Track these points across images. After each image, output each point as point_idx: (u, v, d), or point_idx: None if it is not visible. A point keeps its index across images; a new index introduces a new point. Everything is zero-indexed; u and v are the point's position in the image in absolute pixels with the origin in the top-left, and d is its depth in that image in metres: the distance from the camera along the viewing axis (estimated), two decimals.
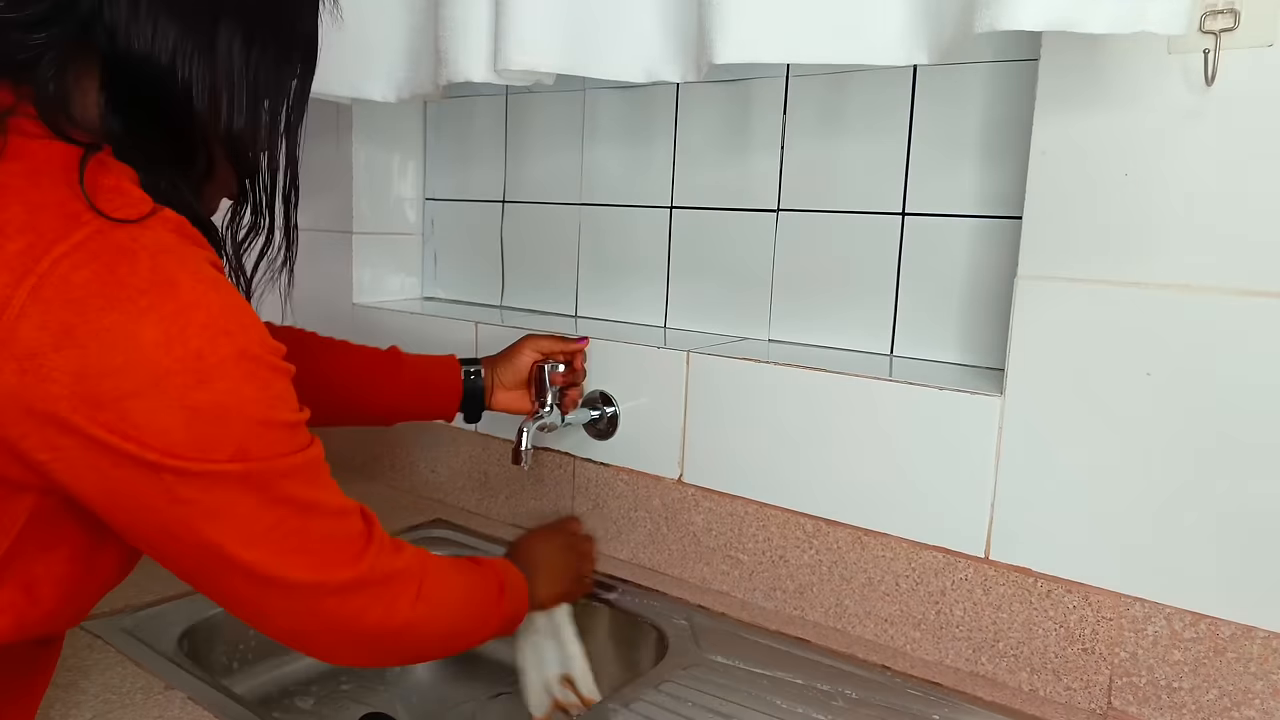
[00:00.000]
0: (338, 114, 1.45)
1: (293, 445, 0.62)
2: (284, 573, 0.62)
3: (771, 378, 1.02)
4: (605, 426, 1.16)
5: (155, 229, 0.57)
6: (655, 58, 0.95)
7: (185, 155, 0.64)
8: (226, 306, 0.58)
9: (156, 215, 0.57)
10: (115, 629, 0.93)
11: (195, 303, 0.56)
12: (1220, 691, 0.80)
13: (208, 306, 0.56)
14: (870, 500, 0.97)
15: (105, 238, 0.55)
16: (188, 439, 0.56)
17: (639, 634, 1.02)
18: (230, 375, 0.57)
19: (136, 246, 0.55)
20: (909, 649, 0.96)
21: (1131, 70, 0.80)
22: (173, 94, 0.61)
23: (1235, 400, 0.77)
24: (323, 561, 0.64)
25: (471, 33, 1.00)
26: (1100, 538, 0.84)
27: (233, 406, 0.57)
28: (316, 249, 1.53)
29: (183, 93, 0.61)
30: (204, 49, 0.61)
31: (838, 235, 1.10)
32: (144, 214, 0.57)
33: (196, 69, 0.61)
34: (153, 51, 0.60)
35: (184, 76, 0.61)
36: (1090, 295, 0.83)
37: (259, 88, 0.65)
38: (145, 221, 0.57)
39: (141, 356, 0.54)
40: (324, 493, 0.65)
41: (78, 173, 0.56)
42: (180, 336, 0.55)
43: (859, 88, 1.07)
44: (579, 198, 1.35)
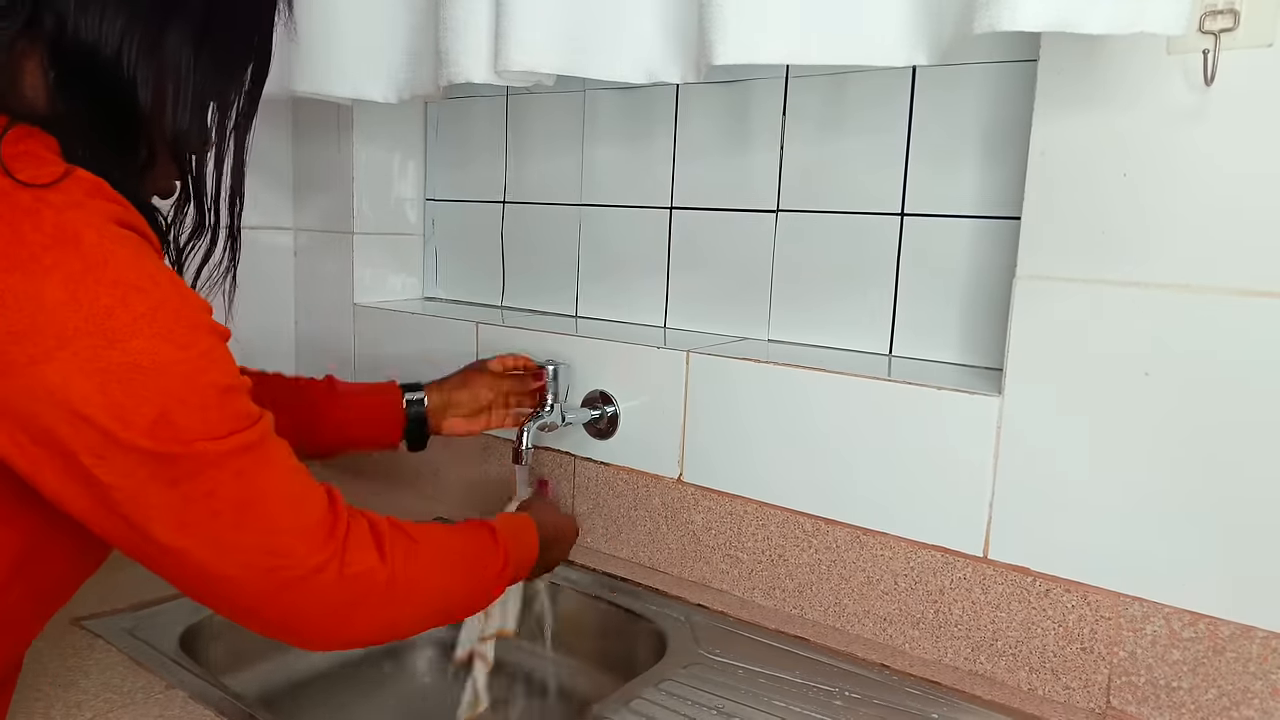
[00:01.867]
0: (338, 114, 1.45)
1: (226, 421, 0.58)
2: (226, 570, 0.59)
3: (771, 378, 1.02)
4: (605, 426, 1.16)
5: (66, 190, 0.55)
6: (655, 58, 0.95)
7: (126, 145, 0.63)
8: (138, 263, 0.56)
9: (70, 177, 0.56)
10: (115, 629, 0.93)
11: (103, 259, 0.54)
12: (1219, 691, 0.80)
13: (117, 263, 0.54)
14: (869, 499, 0.97)
15: (9, 198, 0.54)
16: (103, 404, 0.53)
17: (638, 632, 1.02)
18: (144, 333, 0.54)
19: (41, 205, 0.54)
20: (908, 648, 0.96)
21: (1131, 71, 0.80)
22: (118, 86, 0.61)
23: (1234, 400, 0.78)
24: (272, 557, 0.60)
25: (472, 33, 1.00)
26: (1099, 537, 0.84)
27: (148, 367, 0.54)
28: (317, 249, 1.53)
29: (128, 85, 0.61)
30: (152, 45, 0.61)
31: (837, 235, 1.10)
32: (56, 177, 0.55)
33: (142, 64, 0.61)
34: (99, 41, 0.60)
35: (129, 69, 0.61)
36: (1089, 295, 0.83)
37: (205, 90, 0.65)
38: (57, 185, 0.55)
39: (47, 318, 0.52)
40: (271, 480, 0.61)
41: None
42: (88, 295, 0.53)
43: (859, 88, 1.07)
44: (579, 198, 1.35)
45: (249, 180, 0.71)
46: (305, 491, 0.63)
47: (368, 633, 0.68)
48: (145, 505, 0.56)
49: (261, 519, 0.59)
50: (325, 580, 0.62)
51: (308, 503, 0.63)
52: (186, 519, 0.57)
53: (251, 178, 0.72)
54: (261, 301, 1.53)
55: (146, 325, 0.55)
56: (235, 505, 0.58)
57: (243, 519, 0.59)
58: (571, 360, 1.17)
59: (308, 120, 1.51)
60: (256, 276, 1.52)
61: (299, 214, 1.55)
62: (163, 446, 0.55)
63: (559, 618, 1.11)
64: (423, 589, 0.70)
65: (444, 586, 0.73)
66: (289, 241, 1.56)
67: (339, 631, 0.66)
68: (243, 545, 0.59)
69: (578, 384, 1.18)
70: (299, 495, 0.62)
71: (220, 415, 0.58)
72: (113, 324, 0.53)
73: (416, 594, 0.69)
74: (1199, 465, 0.79)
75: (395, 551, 0.67)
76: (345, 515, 0.65)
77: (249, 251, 0.64)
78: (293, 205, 1.55)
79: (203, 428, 0.57)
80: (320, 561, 0.61)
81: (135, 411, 0.54)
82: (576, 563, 1.15)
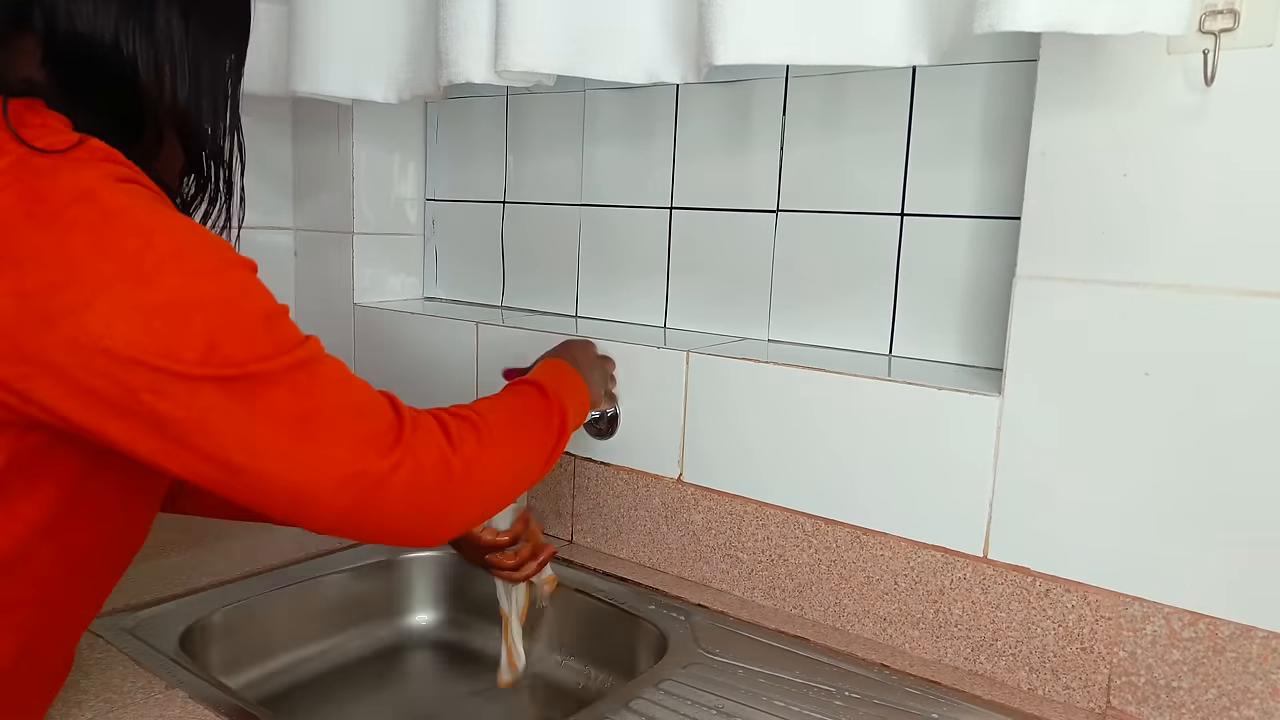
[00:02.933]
0: (338, 114, 1.45)
1: (274, 344, 0.59)
2: (305, 483, 0.60)
3: (771, 378, 1.02)
4: (605, 426, 1.16)
5: (80, 154, 0.57)
6: (655, 59, 0.95)
7: (132, 131, 0.64)
8: (155, 210, 0.57)
9: (83, 145, 0.58)
10: (115, 629, 0.93)
11: (122, 208, 0.56)
12: (1219, 691, 0.80)
13: (136, 211, 0.56)
14: (869, 499, 0.97)
15: (27, 164, 0.56)
16: (150, 343, 0.54)
17: (638, 632, 1.02)
18: (175, 271, 0.56)
19: (57, 167, 0.56)
20: (908, 648, 0.96)
21: (1131, 71, 0.80)
22: (118, 70, 0.62)
23: (1235, 400, 0.78)
24: (345, 465, 0.61)
25: (472, 33, 1.00)
26: (1099, 537, 0.84)
27: (188, 300, 0.56)
28: (317, 249, 1.53)
29: (128, 68, 0.62)
30: (144, 24, 0.62)
31: (837, 235, 1.10)
32: (70, 144, 0.57)
33: (140, 44, 0.62)
34: (95, 29, 0.61)
35: (129, 52, 0.62)
36: (1089, 295, 0.83)
37: (199, 58, 0.66)
38: (71, 151, 0.57)
39: (78, 268, 0.54)
40: (331, 393, 0.62)
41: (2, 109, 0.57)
42: (114, 241, 0.55)
43: (859, 88, 1.07)
44: (579, 198, 1.35)
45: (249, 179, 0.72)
46: (367, 400, 0.65)
47: (459, 518, 0.70)
48: (213, 431, 0.57)
49: (328, 430, 0.61)
50: (401, 479, 0.63)
51: (370, 410, 0.64)
52: (255, 438, 0.58)
53: (251, 178, 0.73)
54: None
55: (175, 264, 0.56)
56: (299, 419, 0.59)
57: (309, 431, 0.60)
58: None
59: (308, 120, 1.51)
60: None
61: (299, 214, 1.55)
62: (218, 371, 0.56)
63: (559, 617, 1.11)
64: (496, 467, 0.72)
65: (514, 458, 0.75)
66: (289, 241, 1.56)
67: (430, 524, 0.68)
68: (315, 457, 0.60)
69: None
70: (361, 404, 0.64)
71: (268, 339, 0.59)
72: (143, 265, 0.55)
73: (491, 473, 0.71)
74: (1199, 465, 0.79)
75: (463, 439, 0.69)
76: (409, 416, 0.66)
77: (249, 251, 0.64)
78: (293, 205, 1.55)
79: (252, 351, 0.58)
80: (394, 463, 0.63)
81: (184, 345, 0.55)
82: (576, 562, 1.15)
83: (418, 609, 1.19)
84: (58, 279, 0.53)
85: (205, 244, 0.58)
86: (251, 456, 0.58)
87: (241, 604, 1.03)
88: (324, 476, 0.60)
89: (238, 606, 1.02)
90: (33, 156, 0.56)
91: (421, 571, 1.17)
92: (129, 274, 0.54)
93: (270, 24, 1.30)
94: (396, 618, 1.18)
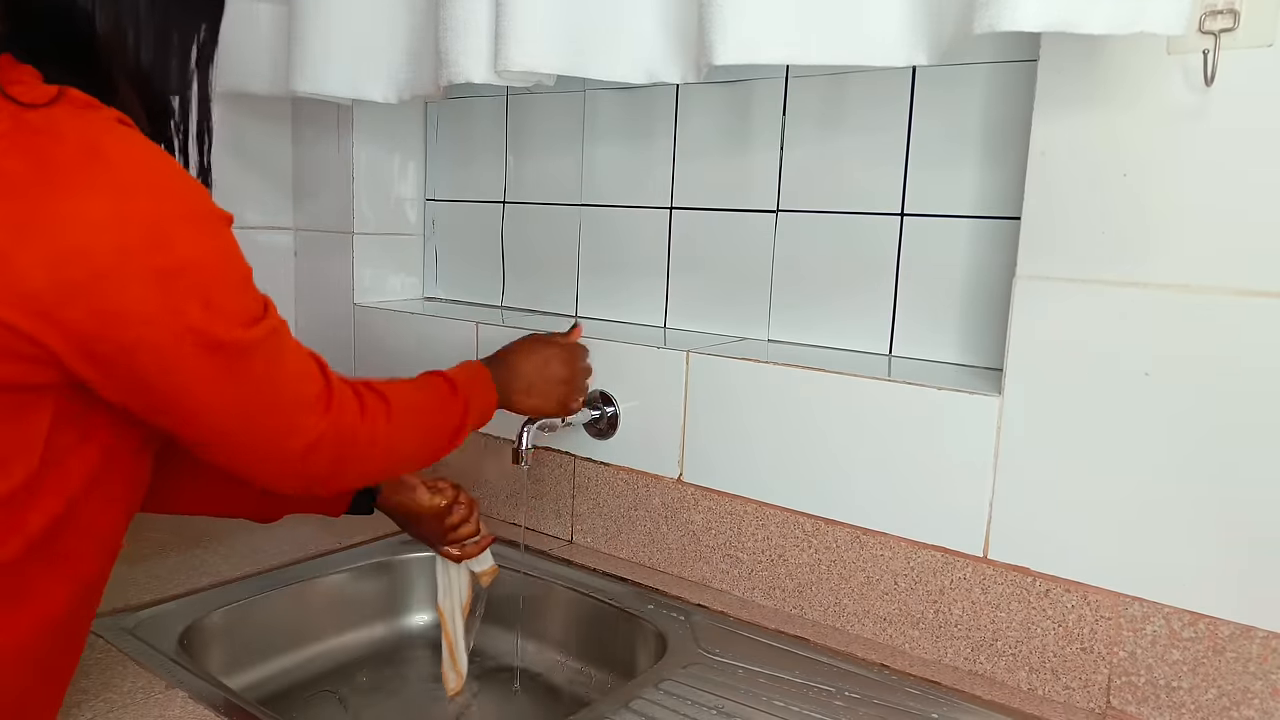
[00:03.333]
0: (338, 114, 1.45)
1: (252, 304, 0.64)
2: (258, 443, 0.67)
3: (771, 378, 1.02)
4: (605, 426, 1.16)
5: (66, 105, 0.58)
6: (655, 59, 0.95)
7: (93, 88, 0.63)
8: (157, 164, 0.60)
9: (64, 95, 0.59)
10: (115, 629, 0.93)
11: (131, 168, 0.58)
12: (1219, 691, 0.80)
13: (143, 170, 0.58)
14: (869, 499, 0.97)
15: (19, 121, 0.57)
16: (162, 304, 0.58)
17: (638, 632, 1.02)
18: (186, 233, 0.59)
19: (55, 125, 0.57)
20: (907, 648, 0.96)
21: (1131, 71, 0.80)
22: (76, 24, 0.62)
23: (1234, 400, 0.78)
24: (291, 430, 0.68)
25: (472, 34, 1.00)
26: (1099, 537, 0.84)
27: (193, 260, 0.59)
28: (317, 249, 1.53)
29: (85, 22, 0.62)
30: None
31: (837, 235, 1.10)
32: (52, 96, 0.58)
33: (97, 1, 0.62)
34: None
35: (87, 6, 0.62)
36: (1089, 295, 0.83)
37: (168, 25, 0.67)
38: (56, 102, 0.58)
39: (100, 235, 0.56)
40: (289, 360, 0.68)
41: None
42: (131, 205, 0.57)
43: (859, 88, 1.07)
44: (579, 198, 1.35)
45: (249, 179, 0.72)
46: (308, 366, 0.70)
47: (352, 480, 0.80)
48: (197, 395, 0.62)
49: (283, 396, 0.67)
50: (326, 443, 0.70)
51: (310, 376, 0.70)
52: (229, 402, 0.63)
53: (251, 178, 0.72)
54: None
55: (185, 224, 0.59)
56: (268, 384, 0.65)
57: (271, 397, 0.66)
58: None
59: (308, 120, 1.51)
60: (256, 276, 1.52)
61: (299, 214, 1.55)
62: (214, 331, 0.60)
63: (560, 617, 1.11)
64: (395, 442, 0.78)
65: (412, 439, 0.82)
66: (289, 241, 1.56)
67: (335, 482, 0.75)
68: (270, 423, 0.67)
69: None
70: (304, 371, 0.70)
71: (246, 299, 0.64)
72: (159, 231, 0.58)
73: (389, 446, 0.77)
74: (1199, 465, 0.79)
75: (374, 414, 0.75)
76: (335, 384, 0.72)
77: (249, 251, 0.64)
78: (293, 205, 1.55)
79: (238, 310, 0.62)
80: (323, 429, 0.69)
81: (188, 303, 0.59)
82: (576, 562, 1.15)
83: (417, 609, 1.19)
84: (82, 245, 0.55)
85: (201, 198, 0.61)
86: (226, 419, 0.64)
87: (241, 604, 1.03)
88: (272, 439, 0.67)
89: (237, 606, 1.02)
90: (23, 113, 0.57)
91: (421, 571, 1.17)
92: (148, 239, 0.57)
93: (270, 24, 1.30)
94: (396, 618, 1.18)
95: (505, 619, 1.14)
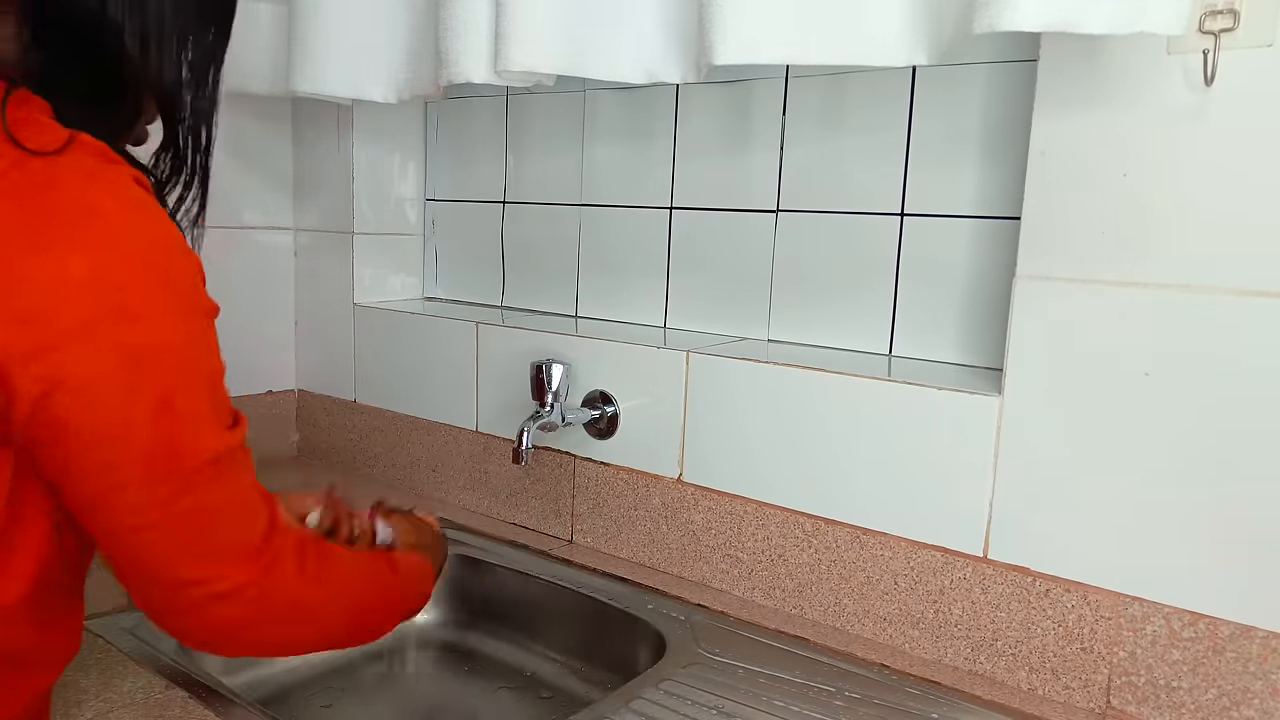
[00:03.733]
0: (338, 114, 1.45)
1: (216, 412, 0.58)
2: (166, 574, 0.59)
3: (771, 378, 1.02)
4: (605, 426, 1.16)
5: (76, 155, 0.56)
6: (655, 59, 0.95)
7: (111, 97, 0.63)
8: (155, 234, 0.56)
9: (75, 142, 0.56)
10: (115, 628, 0.93)
11: (123, 230, 0.55)
12: (1219, 691, 0.80)
13: (136, 234, 0.55)
14: (869, 499, 0.97)
15: (24, 170, 0.54)
16: (116, 384, 0.53)
17: (638, 632, 1.02)
18: (154, 310, 0.55)
19: (59, 175, 0.54)
20: (907, 648, 0.96)
21: (1131, 71, 0.80)
22: (104, 40, 0.60)
23: (1234, 400, 0.78)
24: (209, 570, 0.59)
25: (472, 34, 1.00)
26: (1099, 537, 0.84)
27: (159, 347, 0.55)
28: (317, 249, 1.53)
29: (114, 37, 0.61)
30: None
31: (837, 235, 1.10)
32: (62, 143, 0.55)
33: (126, 13, 0.61)
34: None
35: (116, 19, 0.60)
36: (1089, 295, 0.83)
37: (185, 32, 0.65)
38: (65, 151, 0.55)
39: (70, 296, 0.52)
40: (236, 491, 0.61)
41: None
42: (108, 269, 0.53)
43: (859, 88, 1.07)
44: (579, 198, 1.35)
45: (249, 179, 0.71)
46: (256, 507, 0.62)
47: (256, 647, 0.68)
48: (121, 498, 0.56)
49: (213, 531, 0.59)
50: (246, 597, 0.61)
51: (255, 519, 0.62)
52: (155, 518, 0.57)
53: (251, 178, 0.72)
54: (261, 301, 1.53)
55: (157, 301, 0.55)
56: (200, 512, 0.58)
57: (200, 527, 0.58)
58: (572, 360, 1.17)
59: (308, 120, 1.51)
60: (256, 276, 1.52)
61: (299, 214, 1.55)
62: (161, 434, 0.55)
63: (559, 617, 1.11)
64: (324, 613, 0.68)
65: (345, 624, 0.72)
66: (289, 241, 1.56)
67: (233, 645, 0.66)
68: (190, 554, 0.59)
69: (578, 384, 1.18)
70: (252, 510, 0.62)
71: (210, 404, 0.58)
72: (127, 300, 0.54)
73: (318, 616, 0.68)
74: (1199, 464, 0.79)
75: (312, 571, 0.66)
76: (280, 536, 0.63)
77: (249, 251, 0.64)
78: (293, 205, 1.55)
79: (198, 415, 0.57)
80: (245, 580, 0.61)
81: (142, 393, 0.54)
82: (576, 562, 1.15)
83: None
84: (48, 305, 0.52)
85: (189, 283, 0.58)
86: (140, 532, 0.57)
87: None
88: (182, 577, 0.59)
89: None
90: (27, 160, 0.54)
91: None
92: (113, 309, 0.53)
93: (270, 24, 1.30)
94: None
95: (505, 619, 1.14)
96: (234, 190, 1.46)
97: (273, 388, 1.57)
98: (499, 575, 1.15)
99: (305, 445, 1.59)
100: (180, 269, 0.57)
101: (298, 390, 1.60)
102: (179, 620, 0.62)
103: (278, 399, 1.58)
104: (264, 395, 1.55)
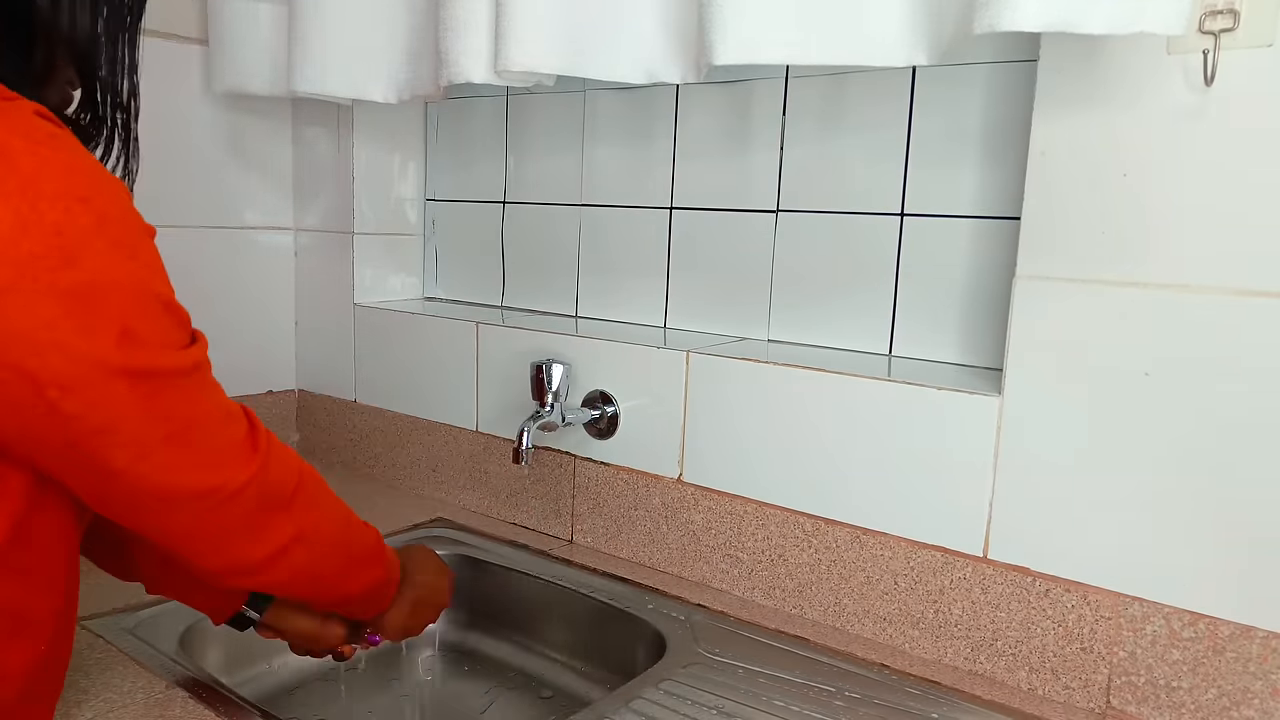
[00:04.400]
0: (338, 114, 1.45)
1: (176, 331, 0.58)
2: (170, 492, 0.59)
3: (771, 378, 1.02)
4: (605, 426, 1.16)
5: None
6: (655, 59, 0.95)
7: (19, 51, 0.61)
8: (73, 167, 0.54)
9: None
10: (115, 629, 0.93)
11: (38, 170, 0.52)
12: (1219, 691, 0.80)
13: (53, 172, 0.53)
14: (869, 499, 0.97)
15: None
16: (71, 327, 0.52)
17: (638, 632, 1.02)
18: (95, 247, 0.53)
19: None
20: (907, 647, 0.96)
21: (1131, 71, 0.80)
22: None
23: (1234, 400, 0.78)
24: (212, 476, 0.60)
25: (472, 34, 1.00)
26: (1098, 537, 0.84)
27: (106, 283, 0.54)
28: (317, 249, 1.53)
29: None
30: None
31: (837, 236, 1.10)
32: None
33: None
34: None
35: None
36: (1089, 295, 0.83)
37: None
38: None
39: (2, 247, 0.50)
40: (211, 398, 0.61)
41: None
42: (33, 214, 0.51)
43: (859, 88, 1.07)
44: (579, 198, 1.35)
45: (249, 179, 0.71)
46: (233, 410, 0.64)
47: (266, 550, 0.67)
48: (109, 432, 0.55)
49: (205, 438, 0.60)
50: (250, 494, 0.63)
51: (235, 419, 0.63)
52: (145, 442, 0.57)
53: (251, 178, 0.72)
54: (261, 301, 1.53)
55: (96, 237, 0.54)
56: (186, 424, 0.59)
57: (191, 438, 0.59)
58: (572, 360, 1.17)
59: (308, 120, 1.51)
60: (256, 276, 1.52)
61: (299, 214, 1.55)
62: (132, 360, 0.55)
63: (559, 617, 1.11)
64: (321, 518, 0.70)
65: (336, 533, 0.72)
66: (289, 241, 1.56)
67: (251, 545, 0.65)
68: (189, 465, 0.59)
69: (578, 384, 1.18)
70: (229, 412, 0.63)
71: (170, 324, 0.58)
72: (63, 241, 0.52)
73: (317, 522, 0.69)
74: (1199, 464, 0.79)
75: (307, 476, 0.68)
76: (262, 428, 0.66)
77: (249, 251, 0.63)
78: (293, 205, 1.55)
79: (161, 338, 0.57)
80: (248, 477, 0.62)
81: (101, 330, 0.53)
82: (576, 562, 1.15)
83: None
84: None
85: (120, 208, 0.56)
86: (134, 461, 0.57)
87: None
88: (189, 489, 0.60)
89: None
90: None
91: None
92: (49, 252, 0.51)
93: (270, 24, 1.30)
94: None
95: (505, 619, 1.14)
96: (234, 190, 1.46)
97: (273, 388, 1.57)
98: (499, 575, 1.16)
99: (305, 445, 1.59)
100: (106, 197, 0.55)
101: (298, 390, 1.60)
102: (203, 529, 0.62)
103: (278, 399, 1.58)
104: (264, 395, 1.55)
